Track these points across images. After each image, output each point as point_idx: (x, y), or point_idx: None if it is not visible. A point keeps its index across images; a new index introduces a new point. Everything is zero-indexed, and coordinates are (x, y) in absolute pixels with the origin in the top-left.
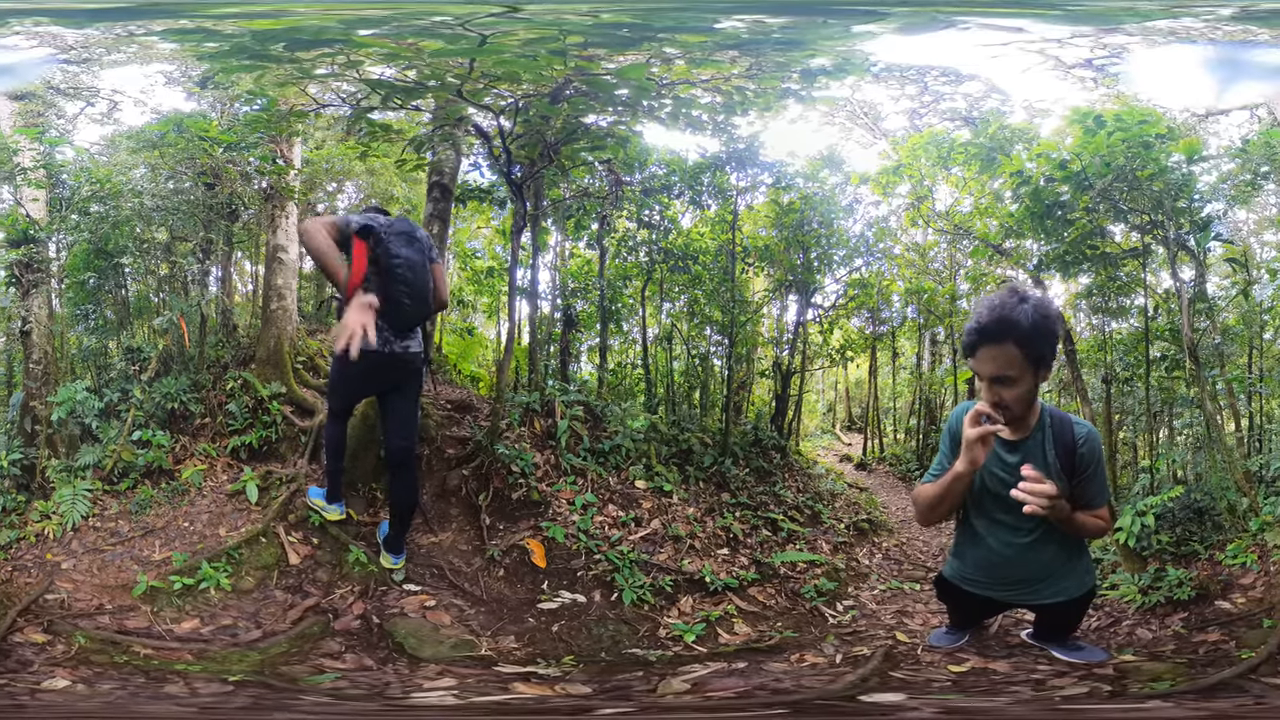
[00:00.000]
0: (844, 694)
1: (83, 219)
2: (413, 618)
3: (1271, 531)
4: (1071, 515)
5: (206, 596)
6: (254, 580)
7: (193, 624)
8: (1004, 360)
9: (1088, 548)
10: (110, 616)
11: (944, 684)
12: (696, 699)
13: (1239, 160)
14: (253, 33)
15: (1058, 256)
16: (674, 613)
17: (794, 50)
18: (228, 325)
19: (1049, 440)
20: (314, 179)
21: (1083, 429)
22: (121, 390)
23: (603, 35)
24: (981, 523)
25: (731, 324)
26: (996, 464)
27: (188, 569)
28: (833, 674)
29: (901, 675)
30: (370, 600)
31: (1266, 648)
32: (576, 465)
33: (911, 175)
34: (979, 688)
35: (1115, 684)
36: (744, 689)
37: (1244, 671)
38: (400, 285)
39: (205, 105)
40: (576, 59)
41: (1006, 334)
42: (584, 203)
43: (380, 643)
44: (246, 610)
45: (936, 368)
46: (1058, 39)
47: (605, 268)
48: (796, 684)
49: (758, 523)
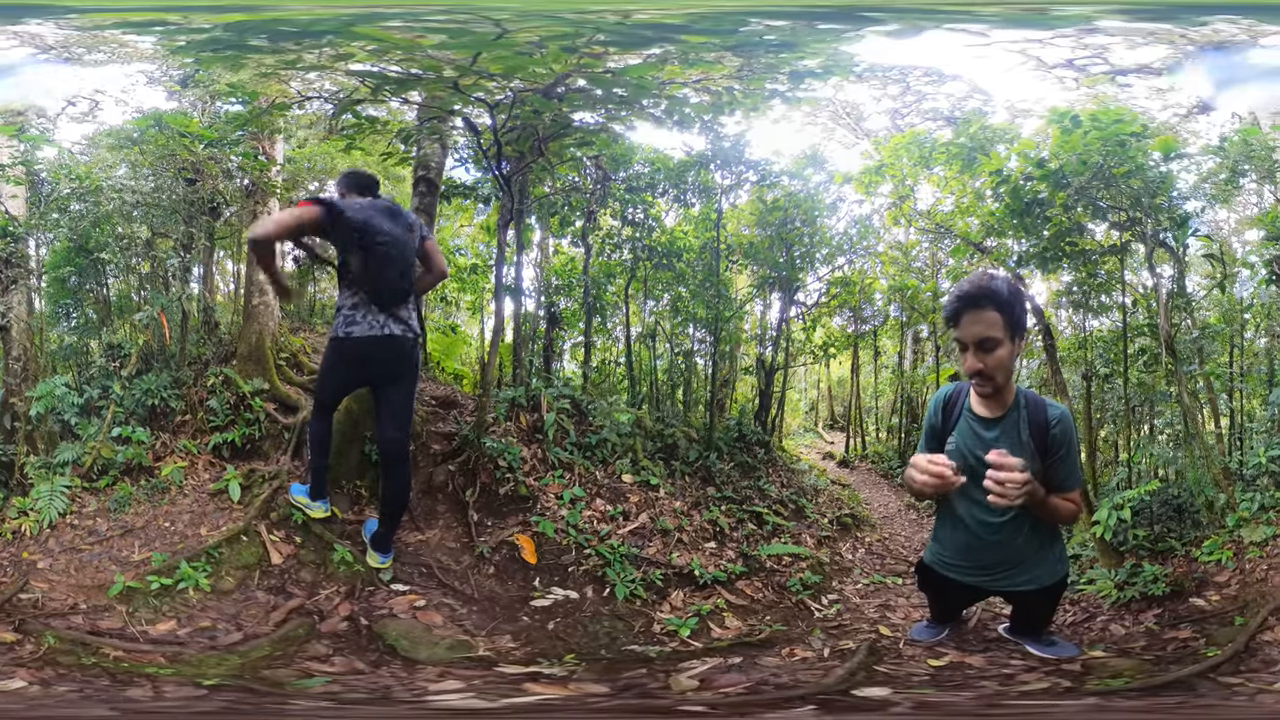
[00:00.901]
0: (838, 688)
1: (63, 216)
2: (403, 618)
3: (1248, 528)
4: (1045, 498)
5: (185, 597)
6: (234, 580)
7: (169, 625)
8: (986, 323)
9: (1061, 537)
10: (83, 617)
11: (923, 679)
12: (714, 695)
13: (1218, 158)
14: (234, 24)
15: (1037, 253)
16: (666, 607)
17: (784, 52)
18: (209, 322)
19: (1024, 420)
20: (296, 176)
21: (1056, 410)
22: (102, 387)
23: (625, 35)
24: (960, 503)
25: (716, 321)
26: (974, 442)
27: (166, 569)
28: (824, 668)
29: (885, 669)
30: (357, 601)
31: (1233, 646)
32: (564, 459)
33: (894, 175)
34: (953, 682)
35: (1078, 680)
36: (749, 684)
37: (1206, 669)
38: (383, 262)
39: (186, 104)
40: (586, 55)
41: (988, 299)
42: (570, 199)
43: (370, 645)
44: (226, 612)
45: (919, 366)
46: (1039, 39)
47: (590, 265)
48: (793, 679)
49: (743, 516)
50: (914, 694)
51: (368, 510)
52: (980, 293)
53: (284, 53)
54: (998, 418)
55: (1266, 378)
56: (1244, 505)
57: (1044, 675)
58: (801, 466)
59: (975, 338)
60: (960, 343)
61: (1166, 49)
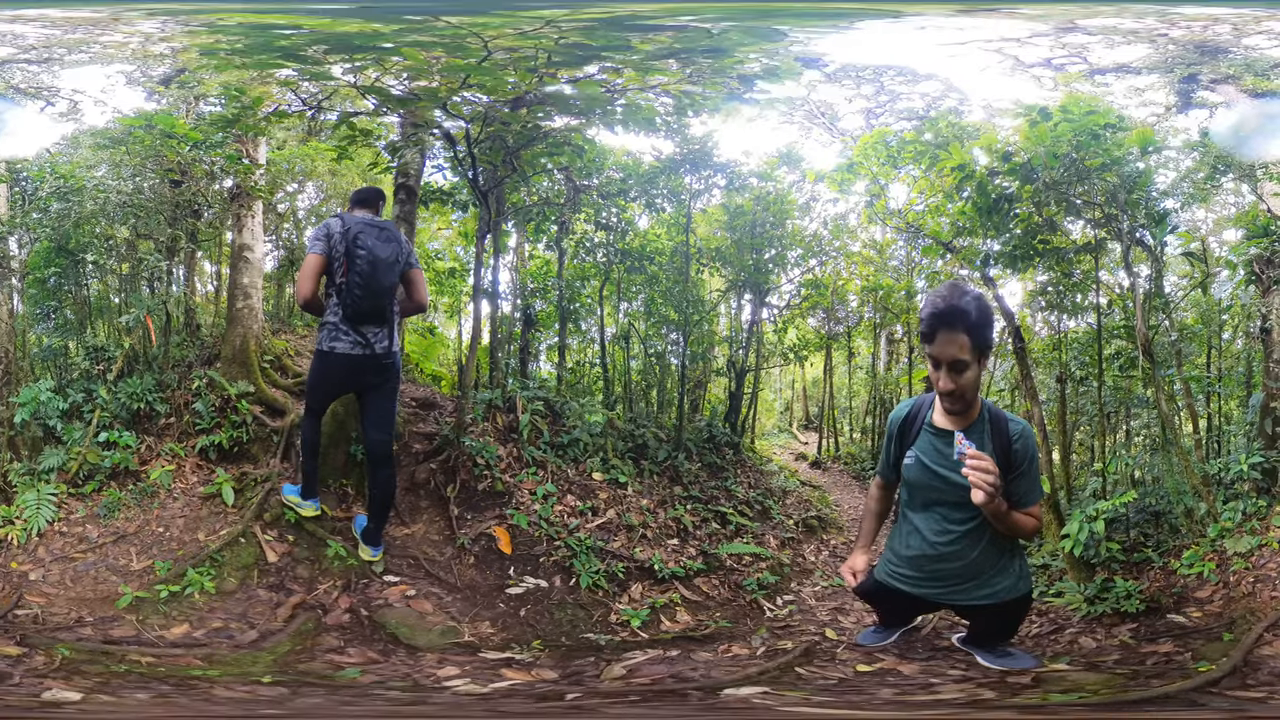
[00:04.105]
0: (714, 686)
1: (44, 216)
2: (398, 607)
3: (1231, 538)
4: (1007, 511)
5: (191, 601)
6: (236, 581)
7: (182, 629)
8: (958, 345)
9: (1022, 552)
10: (92, 628)
11: (831, 684)
12: (622, 685)
13: (1197, 154)
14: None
15: (1007, 252)
16: (625, 599)
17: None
18: (192, 324)
19: (987, 435)
20: (277, 179)
21: (1018, 425)
22: (85, 391)
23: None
24: (918, 515)
25: (687, 323)
26: (935, 456)
27: (173, 576)
28: (744, 665)
29: (805, 671)
30: (355, 593)
31: (1230, 661)
32: (538, 458)
33: (865, 173)
34: (858, 690)
35: (1011, 693)
36: (660, 677)
37: (1201, 685)
38: (355, 276)
39: (166, 104)
40: (543, 73)
41: (959, 320)
42: (544, 208)
43: (375, 635)
44: (234, 611)
45: (892, 367)
46: (1016, 38)
47: (564, 268)
48: (706, 674)
49: (708, 515)
50: (796, 697)
51: (355, 507)
52: (953, 313)
53: (294, 60)
54: (963, 431)
55: (1245, 380)
56: (1226, 515)
57: (974, 686)
58: (771, 468)
59: (949, 358)
60: (934, 360)
61: (1147, 48)
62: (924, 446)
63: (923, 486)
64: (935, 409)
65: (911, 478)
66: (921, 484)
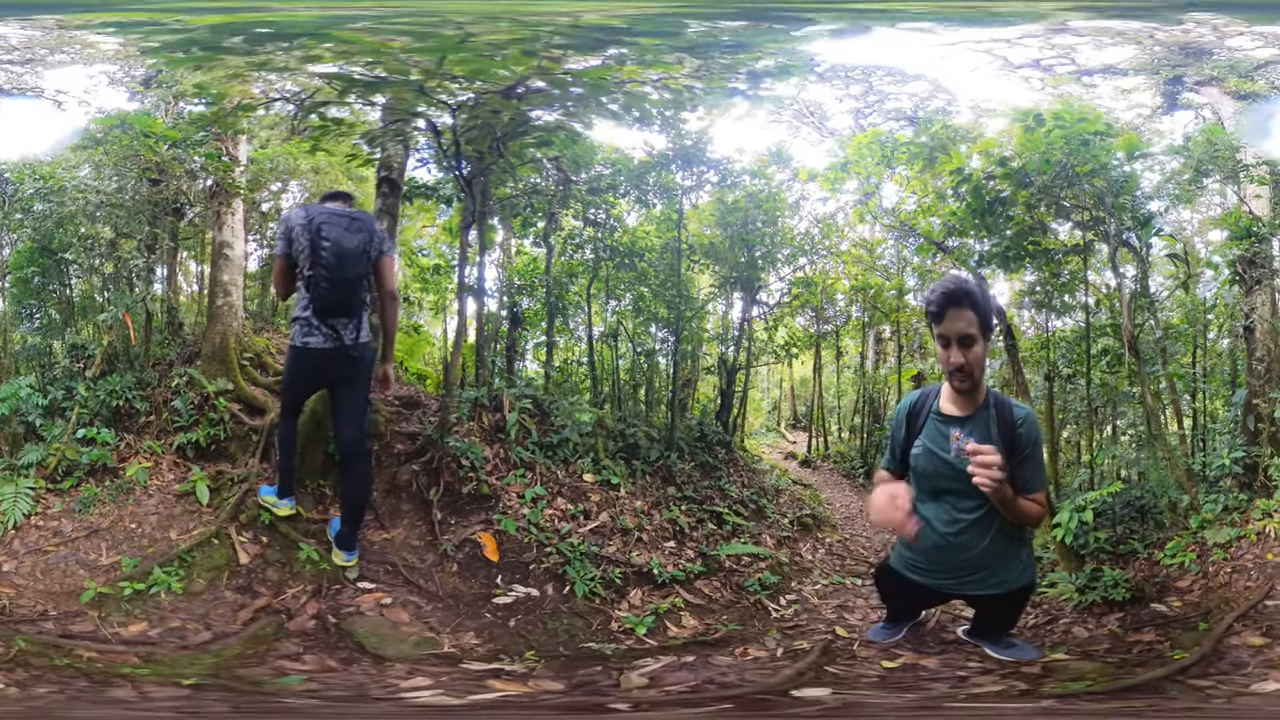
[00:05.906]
0: (780, 688)
1: (26, 216)
2: (370, 616)
3: (1211, 529)
4: (1013, 497)
5: (156, 600)
6: (204, 582)
7: (140, 627)
8: (966, 320)
9: (1028, 540)
10: (54, 622)
11: (872, 680)
12: (657, 693)
13: (1182, 157)
14: (207, 26)
15: (999, 253)
16: (624, 606)
17: (741, 52)
18: (173, 322)
19: (992, 420)
20: (259, 177)
21: (1022, 410)
22: (66, 388)
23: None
24: (927, 507)
25: (677, 320)
26: (944, 445)
27: (139, 574)
28: (773, 668)
29: (836, 670)
30: (324, 599)
31: (1200, 650)
32: (526, 459)
33: (858, 172)
34: (903, 684)
35: (1036, 683)
36: (695, 683)
37: (1172, 673)
38: (320, 269)
39: (149, 104)
40: (545, 59)
41: (966, 298)
42: (532, 200)
43: (340, 643)
44: (195, 612)
45: (881, 366)
46: (1006, 39)
47: (552, 265)
48: (740, 678)
49: (703, 516)
50: (862, 694)
51: (332, 509)
52: (960, 291)
53: (254, 54)
54: (967, 416)
55: (1229, 378)
56: (1208, 507)
57: (1000, 678)
58: (763, 466)
59: (959, 334)
60: (944, 338)
61: (1134, 49)
62: (932, 434)
63: (931, 475)
64: (942, 397)
65: (920, 466)
66: (930, 472)
